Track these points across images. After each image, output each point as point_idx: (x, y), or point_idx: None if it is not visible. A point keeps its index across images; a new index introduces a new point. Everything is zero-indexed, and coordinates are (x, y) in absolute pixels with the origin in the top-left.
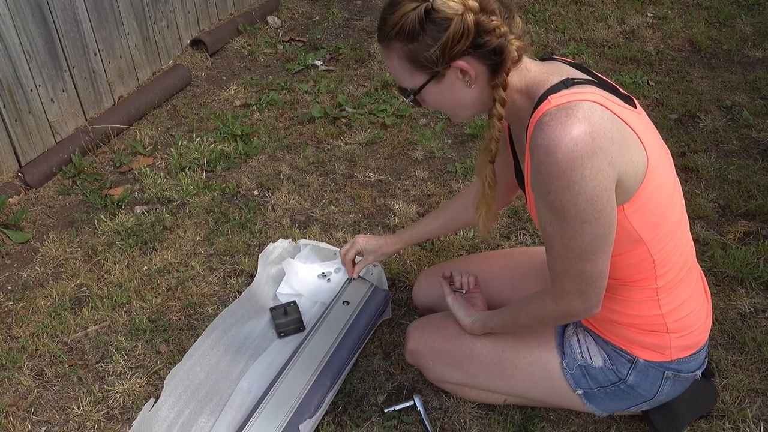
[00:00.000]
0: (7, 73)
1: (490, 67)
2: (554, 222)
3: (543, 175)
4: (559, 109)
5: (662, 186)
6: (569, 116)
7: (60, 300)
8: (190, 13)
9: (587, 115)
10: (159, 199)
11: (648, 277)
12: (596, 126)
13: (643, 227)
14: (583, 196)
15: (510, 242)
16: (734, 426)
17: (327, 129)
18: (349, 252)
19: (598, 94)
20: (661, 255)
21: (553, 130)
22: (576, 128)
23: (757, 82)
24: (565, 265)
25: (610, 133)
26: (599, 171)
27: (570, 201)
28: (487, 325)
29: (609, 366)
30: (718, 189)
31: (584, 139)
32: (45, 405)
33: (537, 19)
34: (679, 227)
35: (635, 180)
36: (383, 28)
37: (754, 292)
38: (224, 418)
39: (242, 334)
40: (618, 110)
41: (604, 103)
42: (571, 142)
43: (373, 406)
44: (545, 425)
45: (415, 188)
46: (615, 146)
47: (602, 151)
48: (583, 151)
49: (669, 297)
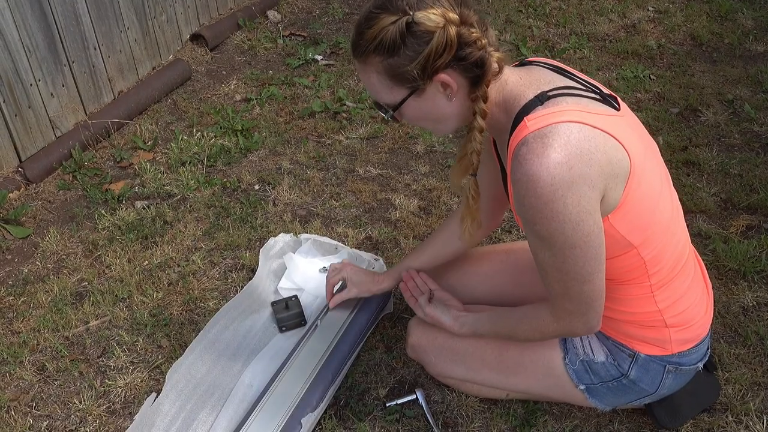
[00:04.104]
0: (7, 67)
1: (471, 80)
2: (544, 249)
3: (526, 207)
4: (534, 136)
5: (649, 187)
6: (545, 146)
7: (61, 295)
8: (189, 8)
9: (563, 142)
10: (159, 193)
11: (640, 276)
12: (573, 153)
13: (631, 233)
14: (569, 224)
15: (511, 236)
16: (737, 419)
17: (328, 123)
18: (333, 277)
19: (573, 110)
20: (652, 256)
21: (530, 165)
22: (552, 159)
23: (758, 75)
24: (564, 288)
25: (588, 154)
26: (581, 197)
27: (557, 230)
28: (478, 330)
29: (611, 361)
30: (720, 183)
31: (561, 169)
32: (46, 400)
33: (538, 13)
34: (670, 225)
35: (617, 191)
36: (359, 42)
37: (756, 285)
38: (226, 412)
39: (243, 328)
40: (596, 121)
41: (580, 119)
42: (549, 176)
43: (375, 400)
44: (548, 419)
45: (416, 183)
46: (594, 167)
47: (581, 178)
48: (561, 182)
49: (665, 293)
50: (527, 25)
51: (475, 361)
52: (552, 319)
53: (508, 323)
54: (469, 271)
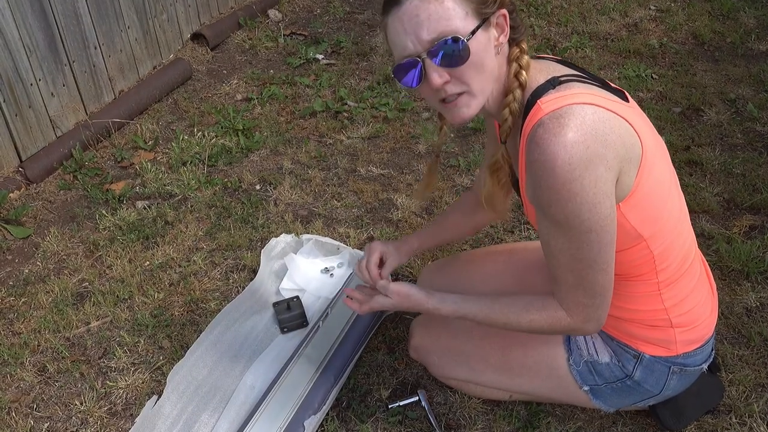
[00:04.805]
0: (7, 67)
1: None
2: (559, 235)
3: (542, 189)
4: (550, 117)
5: (659, 179)
6: (561, 126)
7: (62, 295)
8: (190, 7)
9: (579, 122)
10: (160, 193)
11: (648, 272)
12: (588, 132)
13: (641, 224)
14: (586, 206)
15: (514, 236)
16: (741, 421)
17: (329, 123)
18: (370, 259)
19: (586, 93)
20: (661, 250)
21: (548, 144)
22: (569, 139)
23: (761, 75)
24: (578, 278)
25: (602, 135)
26: (598, 178)
27: (573, 212)
28: (461, 309)
29: (615, 362)
30: (722, 183)
31: (579, 149)
32: (47, 401)
33: (539, 12)
34: (679, 221)
35: (630, 176)
36: None
37: (759, 286)
38: (228, 414)
39: (245, 329)
40: (608, 104)
41: (593, 102)
42: (566, 155)
43: (377, 401)
44: (551, 420)
45: (417, 182)
46: (610, 149)
47: (598, 158)
48: (579, 162)
49: (671, 291)
50: (529, 24)
51: (478, 362)
52: (565, 314)
53: (507, 311)
54: (472, 271)
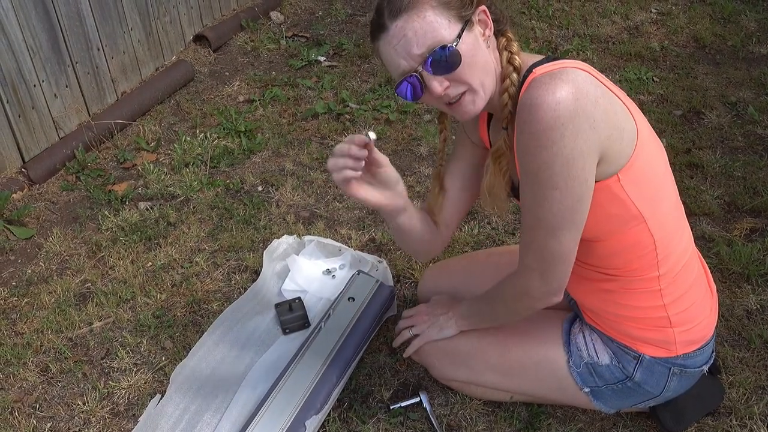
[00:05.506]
0: (11, 68)
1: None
2: (527, 190)
3: (525, 135)
4: (543, 75)
5: (655, 161)
6: (554, 78)
7: (64, 296)
8: (193, 9)
9: (572, 78)
10: (163, 194)
11: (649, 263)
12: (580, 88)
13: (641, 200)
14: (560, 158)
15: (515, 239)
16: (741, 423)
17: (331, 125)
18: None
19: (583, 68)
20: (662, 235)
21: (538, 90)
22: (560, 89)
23: (762, 78)
24: (531, 237)
25: (594, 96)
26: (579, 132)
27: (546, 162)
28: (470, 317)
29: (615, 363)
30: (723, 185)
31: (567, 98)
32: (50, 401)
33: (540, 15)
34: (677, 210)
35: (624, 145)
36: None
37: (760, 288)
38: (230, 414)
39: (247, 330)
40: (605, 82)
41: (590, 71)
42: (554, 101)
43: (378, 402)
44: (552, 422)
45: (419, 184)
46: (599, 109)
47: (584, 113)
48: (565, 110)
49: (671, 287)
50: (530, 27)
51: (478, 364)
52: (514, 276)
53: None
54: (473, 273)
